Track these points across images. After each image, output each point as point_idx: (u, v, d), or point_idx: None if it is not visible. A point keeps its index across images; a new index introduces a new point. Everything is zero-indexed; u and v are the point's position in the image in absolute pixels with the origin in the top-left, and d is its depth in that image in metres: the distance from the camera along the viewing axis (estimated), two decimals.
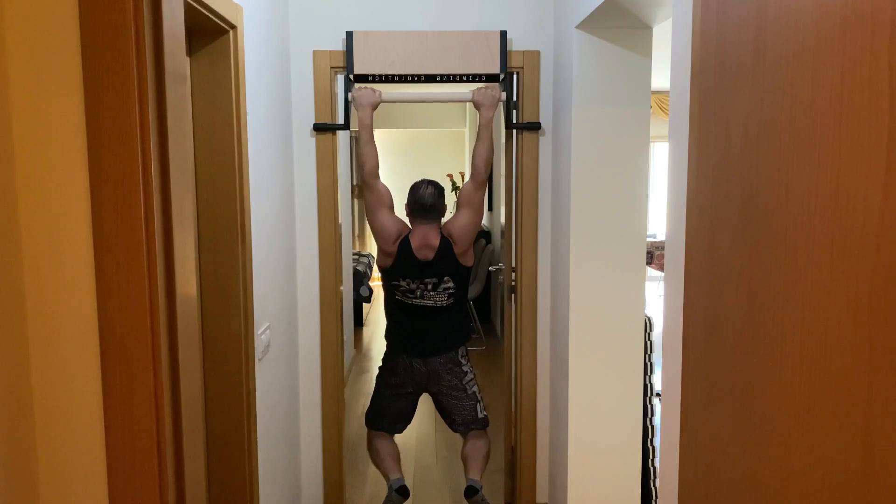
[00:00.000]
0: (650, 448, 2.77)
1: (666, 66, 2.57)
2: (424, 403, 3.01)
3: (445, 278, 2.73)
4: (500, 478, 3.30)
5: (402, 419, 2.89)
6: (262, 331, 2.19)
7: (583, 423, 2.56)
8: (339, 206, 2.95)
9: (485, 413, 2.83)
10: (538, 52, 2.79)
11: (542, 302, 2.92)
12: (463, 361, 2.81)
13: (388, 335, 2.92)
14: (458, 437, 3.90)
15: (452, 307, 2.78)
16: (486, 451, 2.83)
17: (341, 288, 2.99)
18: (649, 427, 2.77)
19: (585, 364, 2.53)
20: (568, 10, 2.51)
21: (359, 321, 6.18)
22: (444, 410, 2.87)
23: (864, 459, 0.63)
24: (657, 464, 2.74)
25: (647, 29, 2.40)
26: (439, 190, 2.81)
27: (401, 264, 2.73)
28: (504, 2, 2.78)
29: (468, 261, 2.77)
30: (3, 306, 0.90)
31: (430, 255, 2.71)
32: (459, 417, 2.81)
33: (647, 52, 2.43)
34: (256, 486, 2.07)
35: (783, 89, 0.77)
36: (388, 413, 2.86)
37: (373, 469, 3.52)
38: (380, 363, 2.93)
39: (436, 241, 2.73)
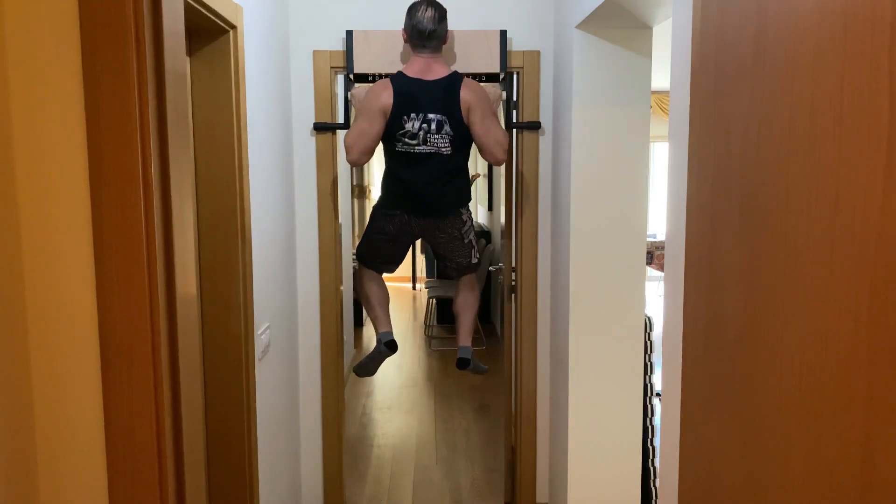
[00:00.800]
0: (650, 448, 2.77)
1: (666, 66, 2.57)
2: (425, 406, 3.00)
3: (445, 117, 2.52)
4: (500, 478, 3.30)
5: (394, 261, 2.87)
6: (262, 331, 2.19)
7: (583, 423, 2.56)
8: (339, 205, 2.95)
9: (478, 257, 2.83)
10: (538, 52, 2.79)
11: (542, 302, 2.92)
12: (463, 212, 2.73)
13: (386, 189, 2.72)
14: (457, 438, 3.90)
15: (454, 157, 2.58)
16: (475, 300, 2.89)
17: (341, 288, 3.00)
18: (649, 427, 2.77)
19: (585, 364, 2.53)
20: (568, 9, 2.51)
21: (359, 321, 6.18)
22: (439, 255, 2.87)
23: (864, 460, 0.63)
24: (657, 464, 2.74)
25: (647, 29, 2.40)
26: (441, 12, 2.51)
27: (401, 98, 2.51)
28: (504, 1, 2.78)
29: (467, 127, 2.56)
30: (3, 306, 0.90)
31: (433, 76, 2.52)
32: (453, 263, 2.83)
33: (647, 52, 2.43)
34: (256, 486, 2.07)
35: (783, 89, 0.77)
36: (380, 254, 2.82)
37: (373, 469, 3.53)
38: (376, 203, 2.80)
39: (442, 72, 2.54)
